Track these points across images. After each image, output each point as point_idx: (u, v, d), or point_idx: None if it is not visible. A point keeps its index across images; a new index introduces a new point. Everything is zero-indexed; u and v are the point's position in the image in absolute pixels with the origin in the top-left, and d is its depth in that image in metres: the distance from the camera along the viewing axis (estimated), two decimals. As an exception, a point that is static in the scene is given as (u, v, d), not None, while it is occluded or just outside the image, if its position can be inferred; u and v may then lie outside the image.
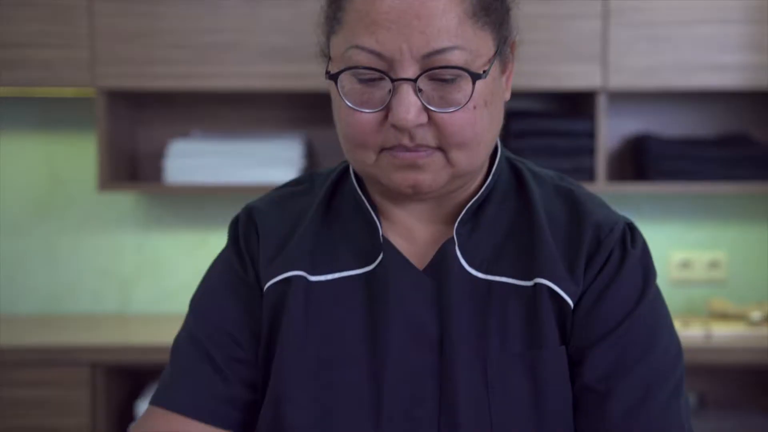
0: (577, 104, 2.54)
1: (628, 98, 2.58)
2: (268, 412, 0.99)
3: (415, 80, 0.90)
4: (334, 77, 0.94)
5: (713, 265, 2.61)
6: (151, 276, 2.65)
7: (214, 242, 2.55)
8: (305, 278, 1.00)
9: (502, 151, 1.05)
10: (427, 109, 0.91)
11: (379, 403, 0.96)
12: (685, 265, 2.60)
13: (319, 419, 0.96)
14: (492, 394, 0.95)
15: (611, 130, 2.57)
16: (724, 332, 2.26)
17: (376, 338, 0.97)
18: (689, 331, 2.24)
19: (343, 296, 1.00)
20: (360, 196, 1.03)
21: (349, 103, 0.93)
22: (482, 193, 1.01)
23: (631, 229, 1.01)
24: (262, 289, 1.02)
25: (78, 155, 2.62)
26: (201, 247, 2.63)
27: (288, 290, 1.00)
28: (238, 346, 1.02)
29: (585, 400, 0.96)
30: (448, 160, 0.94)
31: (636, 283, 0.98)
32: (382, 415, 0.95)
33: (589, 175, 2.37)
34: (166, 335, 1.07)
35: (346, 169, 1.07)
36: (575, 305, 0.97)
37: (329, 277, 1.01)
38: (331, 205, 1.05)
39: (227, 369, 1.01)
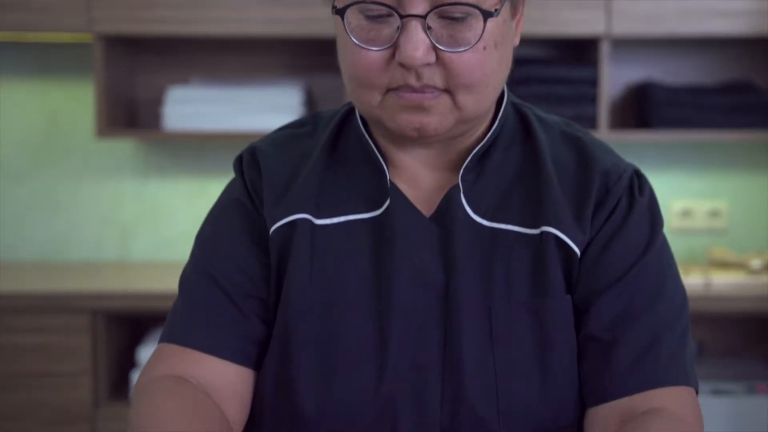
0: (580, 51, 2.52)
1: (631, 45, 2.55)
2: (274, 354, 0.98)
3: (424, 17, 0.88)
4: (340, 12, 0.91)
5: (714, 214, 2.60)
6: (151, 224, 2.64)
7: (213, 191, 2.53)
8: (310, 221, 0.99)
9: (508, 96, 1.03)
10: (435, 48, 0.89)
11: (383, 348, 0.95)
12: (686, 214, 2.60)
13: (325, 363, 0.96)
14: (496, 341, 0.95)
15: (614, 78, 2.54)
16: (723, 281, 2.27)
17: (382, 284, 0.97)
18: (689, 280, 2.24)
19: (349, 240, 0.99)
20: (366, 139, 1.01)
21: (355, 40, 0.90)
22: (488, 139, 1.00)
23: (638, 177, 1.00)
24: (268, 231, 1.01)
25: (76, 102, 2.59)
26: (201, 196, 2.62)
27: (293, 234, 0.98)
28: (251, 282, 0.99)
29: (590, 350, 0.96)
30: (455, 103, 0.92)
31: (643, 232, 0.97)
32: (387, 361, 0.95)
33: (591, 123, 2.35)
34: (166, 283, 1.06)
35: (351, 111, 1.05)
36: (582, 254, 0.96)
37: (335, 220, 1.00)
38: (336, 147, 1.03)
39: (242, 304, 0.98)
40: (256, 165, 1.03)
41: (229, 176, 1.08)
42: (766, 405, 2.24)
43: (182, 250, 1.06)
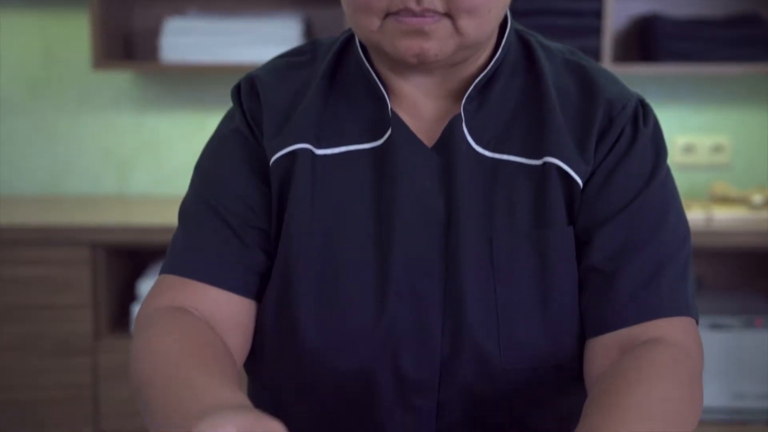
0: (585, -18, 2.47)
1: (636, -24, 2.51)
2: (275, 285, 0.98)
3: None
4: None
5: (717, 149, 2.59)
6: (150, 157, 2.63)
7: (212, 124, 2.51)
8: (311, 151, 0.98)
9: (511, 23, 1.01)
10: None
11: (384, 279, 0.95)
12: (689, 149, 2.58)
13: (326, 294, 0.96)
14: (497, 273, 0.94)
15: (618, 10, 2.50)
16: (725, 216, 2.26)
17: (383, 215, 0.96)
18: (690, 215, 2.23)
19: (350, 171, 0.97)
20: (367, 67, 0.99)
21: None
22: (491, 67, 0.98)
23: (643, 107, 0.99)
24: (268, 161, 0.99)
25: (73, 34, 2.56)
26: (199, 129, 2.60)
27: (294, 164, 0.97)
28: (252, 212, 0.98)
29: (591, 281, 0.95)
30: (456, 29, 0.90)
31: (647, 162, 0.96)
32: (388, 292, 0.95)
33: (595, 56, 2.32)
34: (165, 216, 1.05)
35: (351, 38, 1.03)
36: (584, 184, 0.95)
37: (335, 150, 0.98)
38: (336, 76, 1.02)
39: (244, 234, 0.97)
40: (255, 94, 1.01)
41: (227, 109, 1.06)
42: (764, 339, 2.26)
43: (181, 184, 1.05)
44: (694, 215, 2.26)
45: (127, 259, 2.40)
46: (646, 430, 0.78)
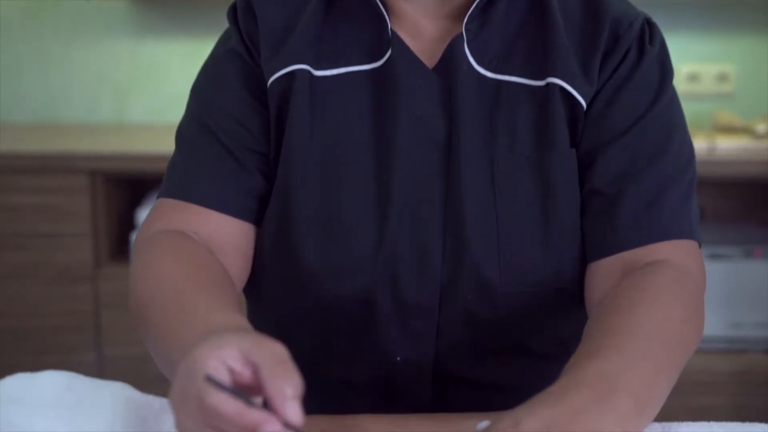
0: None
1: None
2: (274, 210, 0.97)
3: None
4: None
5: (721, 78, 2.56)
6: (147, 85, 2.60)
7: (210, 50, 2.48)
8: (309, 72, 0.96)
9: None
10: None
11: (384, 202, 0.94)
12: (693, 78, 2.55)
13: (326, 218, 0.95)
14: (498, 196, 0.93)
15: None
16: (728, 145, 2.25)
17: (383, 137, 0.94)
18: (694, 145, 2.21)
19: (349, 93, 0.96)
20: None
21: None
22: None
23: (650, 26, 0.96)
24: (266, 82, 0.97)
25: (66, -44, 2.51)
26: (197, 56, 2.55)
27: (292, 86, 0.95)
28: (250, 135, 0.96)
29: (594, 204, 0.94)
30: None
31: (652, 83, 0.94)
32: (388, 215, 0.94)
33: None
34: (164, 144, 1.03)
35: None
36: (588, 105, 0.94)
37: (334, 72, 0.96)
38: None
39: (242, 157, 0.96)
40: (252, 14, 0.98)
41: (226, 33, 1.04)
42: (763, 269, 2.26)
43: (179, 112, 1.03)
44: (697, 145, 2.23)
45: (126, 187, 2.39)
46: (647, 352, 0.78)
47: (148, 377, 0.92)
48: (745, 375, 2.23)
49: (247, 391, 0.65)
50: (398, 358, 0.98)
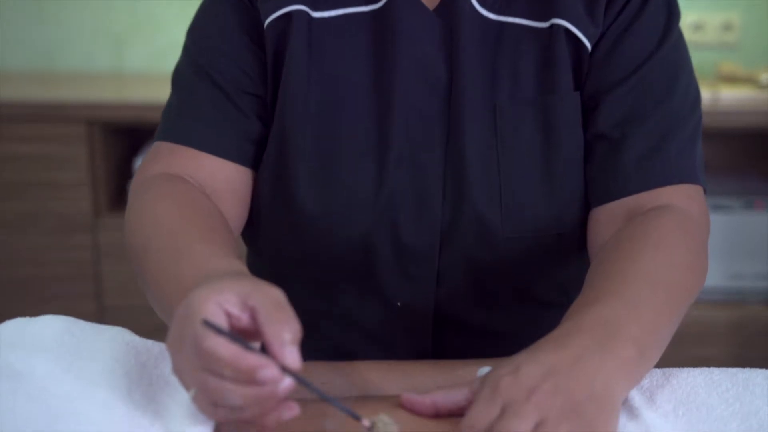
0: None
1: None
2: (271, 154, 0.95)
3: None
4: None
5: (726, 27, 2.53)
6: (145, 33, 2.57)
7: (208, -2, 2.45)
8: (307, 13, 0.94)
9: None
10: None
11: (384, 147, 0.93)
12: (697, 27, 2.52)
13: (324, 162, 0.94)
14: (500, 141, 0.92)
15: None
16: (732, 95, 2.23)
17: (382, 81, 0.93)
18: (697, 93, 2.20)
19: (348, 35, 0.94)
20: None
21: None
22: None
23: None
24: (263, 24, 0.95)
25: None
26: (195, 4, 2.53)
27: (289, 27, 0.93)
28: (247, 78, 0.95)
29: (598, 149, 0.93)
30: None
31: (658, 24, 0.92)
32: (387, 160, 0.93)
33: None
34: (162, 93, 1.01)
35: None
36: (593, 48, 0.92)
37: (333, 13, 0.94)
38: None
39: (239, 101, 0.94)
40: None
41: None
42: (763, 221, 2.26)
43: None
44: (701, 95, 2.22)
45: (124, 136, 2.37)
46: (649, 297, 0.77)
47: (149, 327, 0.92)
48: (744, 326, 2.23)
49: (245, 336, 0.65)
50: (398, 304, 0.98)
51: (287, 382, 0.62)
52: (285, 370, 0.62)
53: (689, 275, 0.84)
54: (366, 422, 0.65)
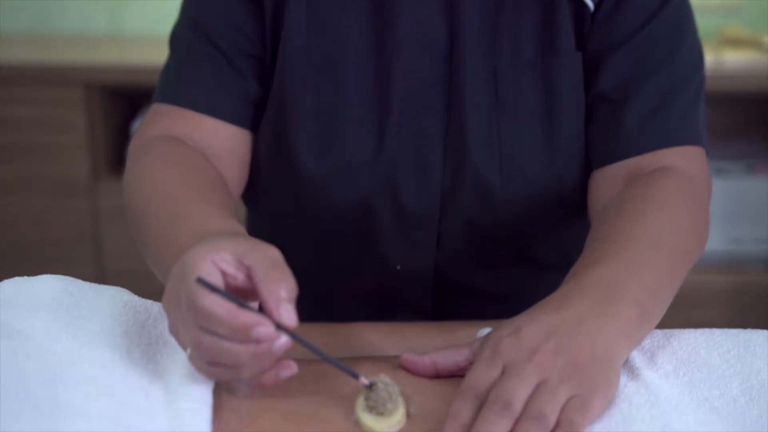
0: None
1: None
2: (270, 117, 0.95)
3: None
4: None
5: (729, -10, 2.51)
6: (143, -5, 2.55)
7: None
8: None
9: None
10: None
11: (384, 112, 0.92)
12: (700, -11, 2.50)
13: (323, 126, 0.93)
14: (501, 105, 0.91)
15: None
16: (735, 59, 2.21)
17: (383, 44, 0.91)
18: (700, 55, 2.18)
19: None
20: None
21: None
22: None
23: None
24: None
25: None
26: (194, -35, 2.50)
27: None
28: (246, 39, 0.93)
29: (599, 110, 0.92)
30: None
31: None
32: (387, 126, 0.92)
33: None
34: (161, 56, 1.00)
35: None
36: (596, 8, 0.91)
37: None
38: None
39: (238, 62, 0.93)
40: None
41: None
42: (764, 186, 2.25)
43: (176, 23, 1.00)
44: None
45: (122, 100, 2.36)
46: (651, 259, 0.77)
47: (149, 290, 0.91)
48: (744, 291, 2.24)
49: (242, 295, 0.64)
50: (398, 268, 0.97)
51: (283, 340, 0.62)
52: (280, 327, 0.62)
53: (691, 237, 0.84)
54: (365, 381, 0.65)
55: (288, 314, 0.62)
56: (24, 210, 2.23)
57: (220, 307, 0.62)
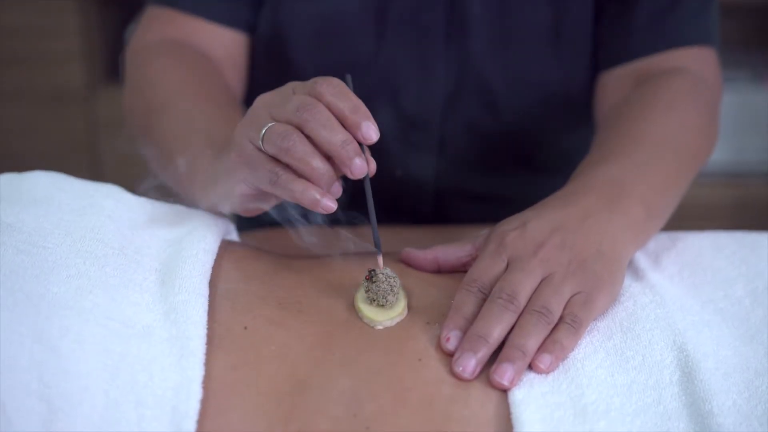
0: None
1: None
2: (266, 17, 0.92)
3: None
4: None
5: None
6: None
7: None
8: None
9: None
10: None
11: (383, 7, 0.89)
12: None
13: (319, 22, 0.90)
14: (506, 2, 0.88)
15: None
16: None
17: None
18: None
19: None
20: None
21: None
22: None
23: None
24: None
25: None
26: None
27: None
28: None
29: (609, 9, 0.89)
30: None
31: None
32: (387, 19, 0.89)
33: None
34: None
35: None
36: None
37: None
38: None
39: None
40: None
41: None
42: (768, 96, 2.23)
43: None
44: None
45: (117, 7, 2.31)
46: (659, 159, 0.75)
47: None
48: (746, 205, 2.23)
49: None
50: (398, 172, 0.96)
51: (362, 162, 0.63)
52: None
53: (700, 139, 0.82)
54: (379, 260, 0.64)
55: (368, 130, 0.63)
56: (18, 119, 2.20)
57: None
